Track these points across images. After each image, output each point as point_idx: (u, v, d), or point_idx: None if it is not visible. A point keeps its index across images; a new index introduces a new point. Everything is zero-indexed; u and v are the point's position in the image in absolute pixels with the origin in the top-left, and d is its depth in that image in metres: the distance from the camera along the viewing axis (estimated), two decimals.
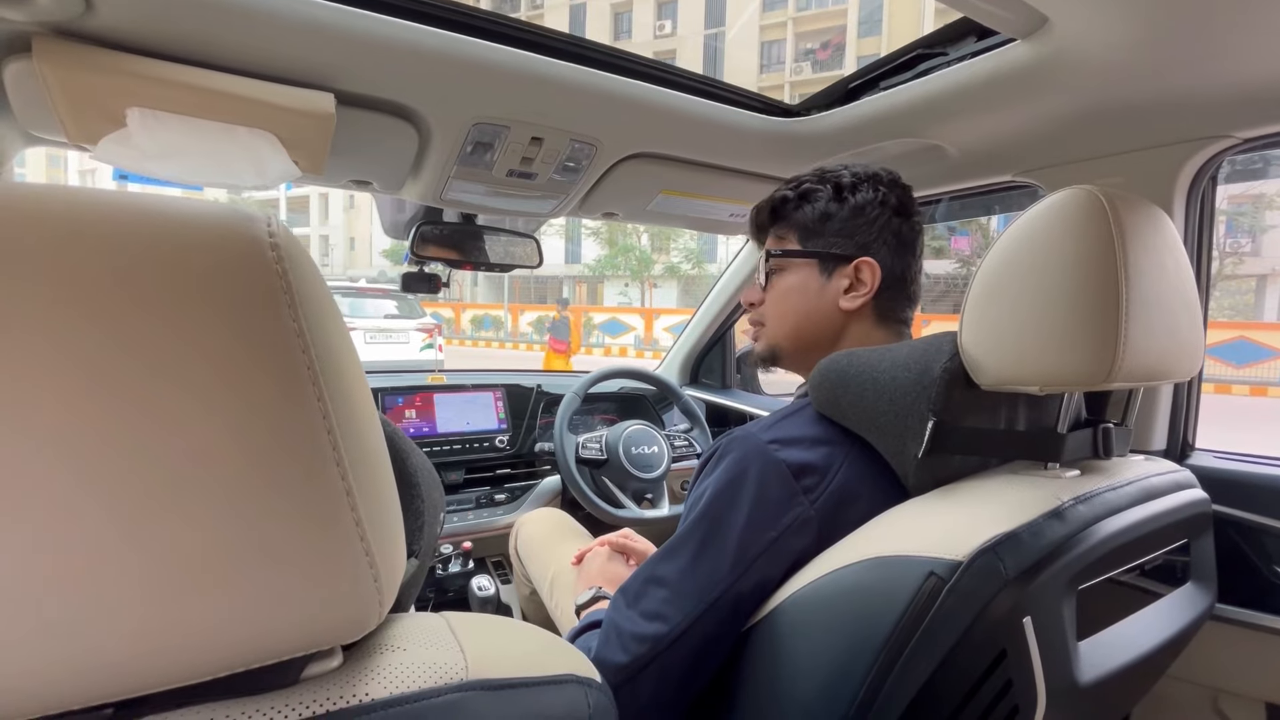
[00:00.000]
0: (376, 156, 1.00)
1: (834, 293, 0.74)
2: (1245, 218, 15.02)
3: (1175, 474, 0.67)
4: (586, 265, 21.79)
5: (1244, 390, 9.80)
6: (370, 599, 0.28)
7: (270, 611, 0.26)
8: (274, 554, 0.25)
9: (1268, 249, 15.95)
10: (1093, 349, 0.53)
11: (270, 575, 0.26)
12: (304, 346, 0.26)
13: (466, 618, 0.37)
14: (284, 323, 0.25)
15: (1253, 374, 10.22)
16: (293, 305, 0.26)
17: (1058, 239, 0.55)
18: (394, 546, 0.30)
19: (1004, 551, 0.49)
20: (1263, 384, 9.93)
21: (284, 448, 0.25)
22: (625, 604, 0.65)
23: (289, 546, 0.26)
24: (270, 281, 0.25)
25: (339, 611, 0.27)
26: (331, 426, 0.26)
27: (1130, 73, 0.72)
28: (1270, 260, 16.01)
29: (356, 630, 0.28)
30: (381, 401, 1.49)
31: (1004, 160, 1.01)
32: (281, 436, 0.25)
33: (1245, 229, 15.28)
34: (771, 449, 0.63)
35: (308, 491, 0.26)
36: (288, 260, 0.26)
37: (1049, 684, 0.50)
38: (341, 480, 0.26)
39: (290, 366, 0.25)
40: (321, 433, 0.26)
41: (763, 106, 1.06)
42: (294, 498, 0.26)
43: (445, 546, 1.39)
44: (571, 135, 0.99)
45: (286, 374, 0.25)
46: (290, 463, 0.25)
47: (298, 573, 0.26)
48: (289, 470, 0.25)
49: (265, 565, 0.25)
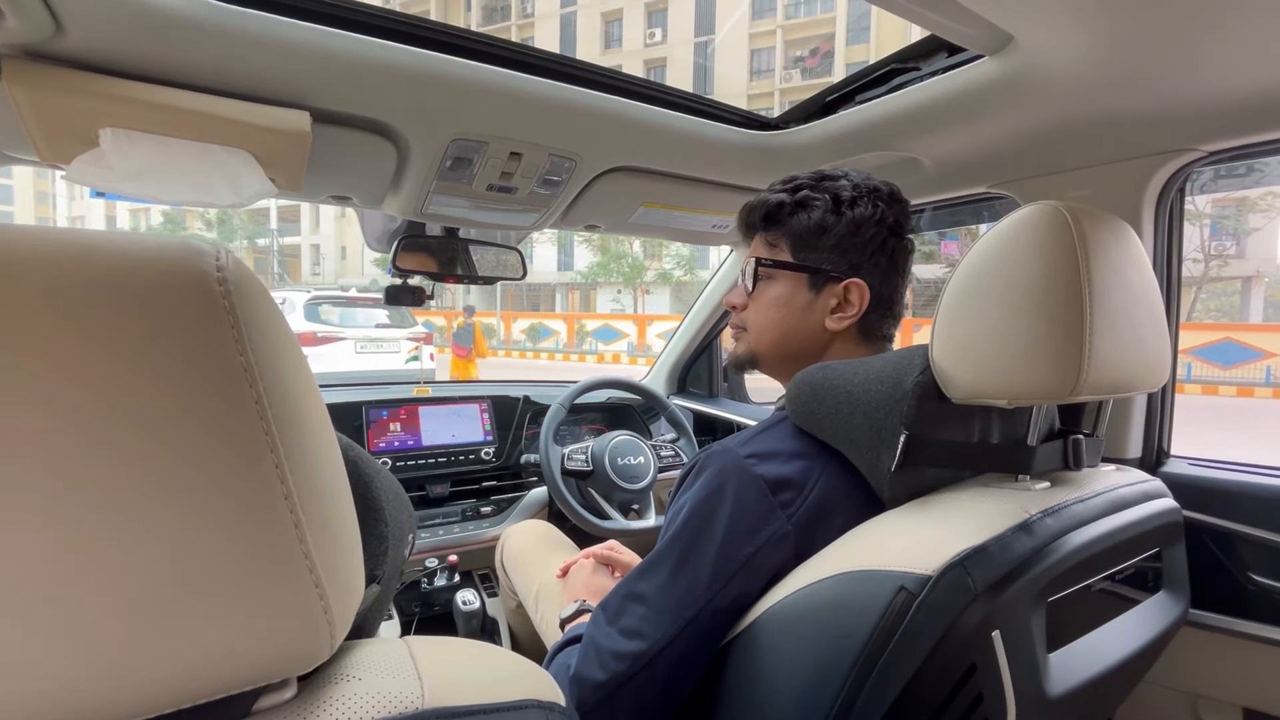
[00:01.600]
0: (355, 173, 1.00)
1: (821, 311, 0.73)
2: (1229, 220, 15.22)
3: (1145, 484, 0.67)
4: (579, 272, 21.80)
5: (1231, 391, 9.90)
6: (320, 631, 0.28)
7: (216, 646, 0.26)
8: (218, 588, 0.25)
9: (1252, 251, 16.16)
10: (1058, 362, 0.53)
11: (215, 610, 0.26)
12: (251, 381, 0.26)
13: (431, 643, 0.36)
14: (230, 357, 0.25)
15: (1239, 375, 10.34)
16: (240, 339, 0.26)
17: (1023, 254, 0.55)
18: (348, 577, 0.30)
19: (972, 566, 0.49)
20: (1249, 384, 10.03)
21: (229, 482, 0.25)
22: (605, 621, 0.65)
23: (234, 580, 0.26)
24: (216, 316, 0.25)
25: (288, 644, 0.27)
26: (280, 460, 0.26)
27: (1095, 88, 0.74)
28: (1254, 262, 16.22)
29: (307, 662, 0.28)
30: (366, 415, 1.48)
31: (978, 173, 1.03)
32: (226, 470, 0.25)
33: (1230, 232, 15.48)
34: (749, 464, 0.63)
35: (254, 525, 0.26)
36: (237, 294, 0.26)
37: (1018, 696, 0.50)
38: (290, 514, 0.26)
39: (237, 401, 0.25)
40: (269, 467, 0.26)
41: (742, 120, 1.06)
42: (239, 531, 0.26)
43: (430, 560, 1.38)
44: (550, 150, 0.99)
45: (232, 408, 0.25)
46: (235, 497, 0.25)
47: (244, 606, 0.26)
48: (234, 504, 0.25)
49: (210, 600, 0.25)
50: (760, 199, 0.76)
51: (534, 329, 17.99)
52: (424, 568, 1.38)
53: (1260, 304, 16.75)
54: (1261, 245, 16.51)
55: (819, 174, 0.75)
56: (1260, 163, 0.96)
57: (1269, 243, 16.83)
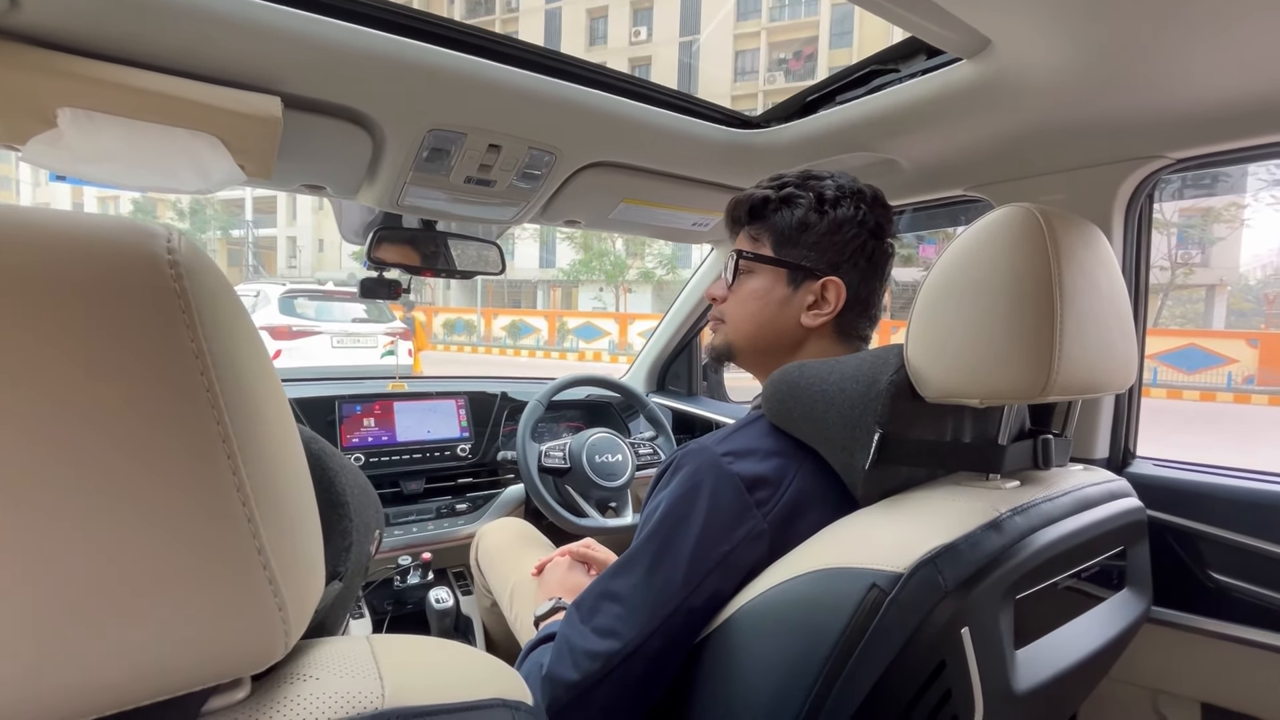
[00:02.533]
0: (329, 161, 0.98)
1: (798, 307, 0.74)
2: (1195, 230, 15.69)
3: (1111, 483, 0.69)
4: (561, 270, 21.71)
5: (1194, 395, 10.21)
6: (274, 629, 0.27)
7: (164, 644, 0.25)
8: (161, 585, 0.24)
9: (1216, 260, 16.69)
10: (1029, 363, 0.54)
11: (163, 606, 0.24)
12: (203, 368, 0.25)
13: (395, 642, 0.36)
14: (181, 343, 0.24)
15: (1202, 380, 10.67)
16: (192, 325, 0.25)
17: (996, 256, 0.56)
18: (306, 573, 0.29)
19: (943, 563, 0.50)
20: (1212, 389, 10.36)
21: (175, 473, 0.24)
22: (579, 619, 0.65)
23: (179, 577, 0.25)
24: (166, 300, 0.24)
25: (239, 643, 0.26)
26: (233, 451, 0.25)
27: (1069, 94, 0.75)
28: (1218, 271, 16.76)
29: (260, 661, 0.27)
30: (339, 410, 1.45)
31: (954, 175, 1.04)
32: (172, 462, 0.24)
33: (1195, 241, 15.96)
34: (725, 462, 0.63)
35: (202, 519, 0.25)
36: (189, 277, 0.25)
37: (986, 693, 0.51)
38: (243, 506, 0.25)
39: (186, 389, 0.24)
40: (221, 458, 0.25)
41: (722, 118, 1.06)
42: (186, 525, 0.25)
43: (404, 558, 1.36)
44: (530, 143, 0.98)
45: (181, 397, 0.24)
46: (182, 489, 0.24)
47: (190, 604, 0.25)
48: (180, 497, 0.24)
49: (157, 596, 0.24)
50: (747, 194, 0.78)
51: (515, 326, 17.86)
52: (397, 565, 1.36)
53: (1223, 311, 17.32)
54: (1225, 255, 17.07)
55: (805, 173, 0.76)
56: (1224, 174, 0.99)
57: (1232, 252, 17.41)
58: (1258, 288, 21.69)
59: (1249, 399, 10.02)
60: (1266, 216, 15.51)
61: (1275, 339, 11.02)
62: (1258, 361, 10.64)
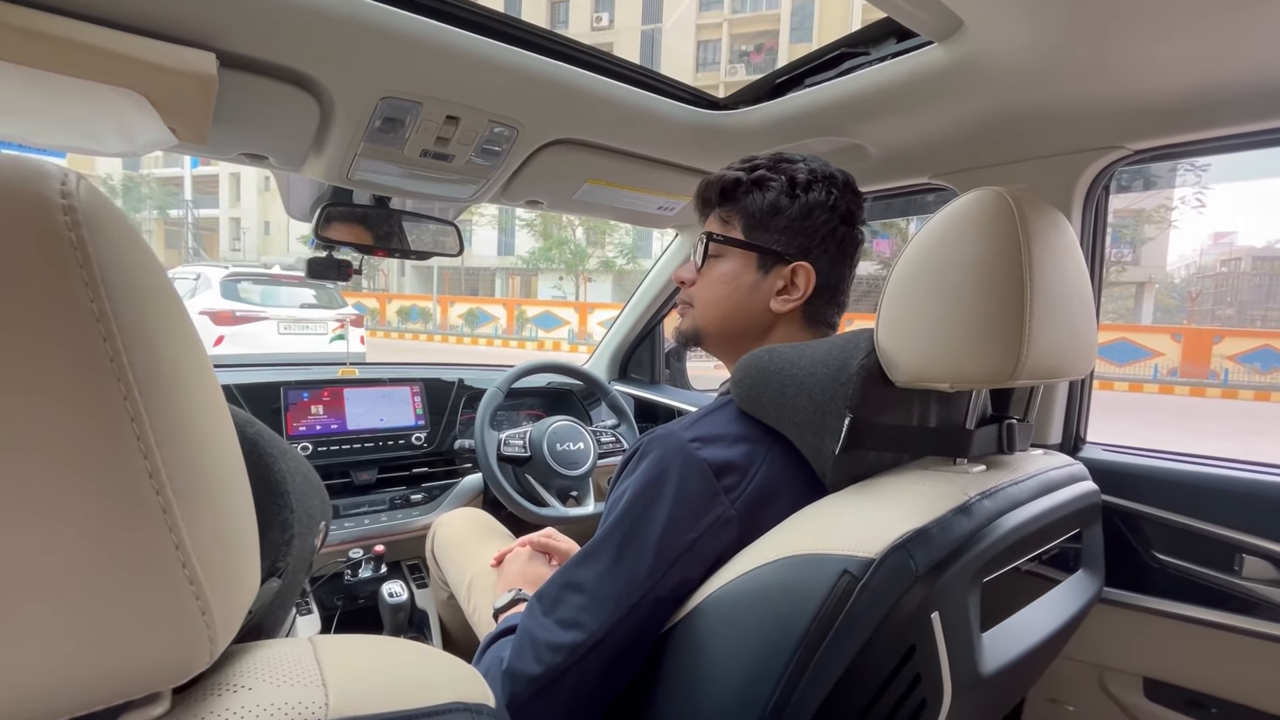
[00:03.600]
0: (272, 129, 0.91)
1: (767, 292, 0.73)
2: (1128, 230, 16.57)
3: (1070, 467, 0.70)
4: (520, 258, 21.37)
5: (1124, 386, 10.84)
6: (196, 635, 0.23)
7: (60, 657, 0.21)
8: (61, 587, 0.21)
9: (1146, 259, 17.70)
10: (999, 348, 0.54)
11: (57, 612, 0.21)
12: (106, 334, 0.21)
13: (341, 643, 0.32)
14: (77, 303, 0.21)
15: (1131, 372, 11.33)
16: (92, 283, 0.21)
17: (967, 239, 0.55)
18: (237, 570, 0.26)
19: (914, 548, 0.49)
20: (1140, 380, 11.01)
21: (74, 458, 0.20)
22: (541, 611, 0.62)
23: (82, 577, 0.21)
24: (59, 252, 0.20)
25: (155, 652, 0.23)
26: (143, 431, 0.21)
27: (1036, 79, 0.75)
28: (1148, 269, 17.78)
29: (181, 672, 0.24)
30: (284, 396, 1.38)
31: (920, 162, 1.04)
32: (70, 445, 0.20)
33: (1128, 240, 16.86)
34: (693, 447, 0.61)
35: (107, 511, 0.21)
36: (88, 226, 0.21)
37: (954, 676, 0.51)
38: (156, 495, 0.22)
39: (85, 358, 0.21)
40: (128, 440, 0.21)
41: (690, 98, 1.04)
42: (88, 518, 0.21)
43: (355, 550, 1.31)
44: (490, 116, 0.93)
45: (77, 366, 0.20)
46: (83, 477, 0.21)
47: (94, 608, 0.21)
48: (81, 485, 0.21)
49: (49, 600, 0.21)
50: (718, 175, 0.76)
51: (472, 314, 17.52)
52: (347, 559, 1.30)
53: (1151, 307, 18.40)
54: (1154, 254, 18.12)
55: (778, 155, 0.75)
56: (1155, 176, 1.02)
57: (1160, 252, 18.50)
58: (1181, 286, 23.15)
59: (1172, 390, 10.70)
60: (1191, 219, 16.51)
61: (1196, 334, 11.78)
62: (1181, 355, 11.37)
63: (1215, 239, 23.94)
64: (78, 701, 0.22)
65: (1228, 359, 11.05)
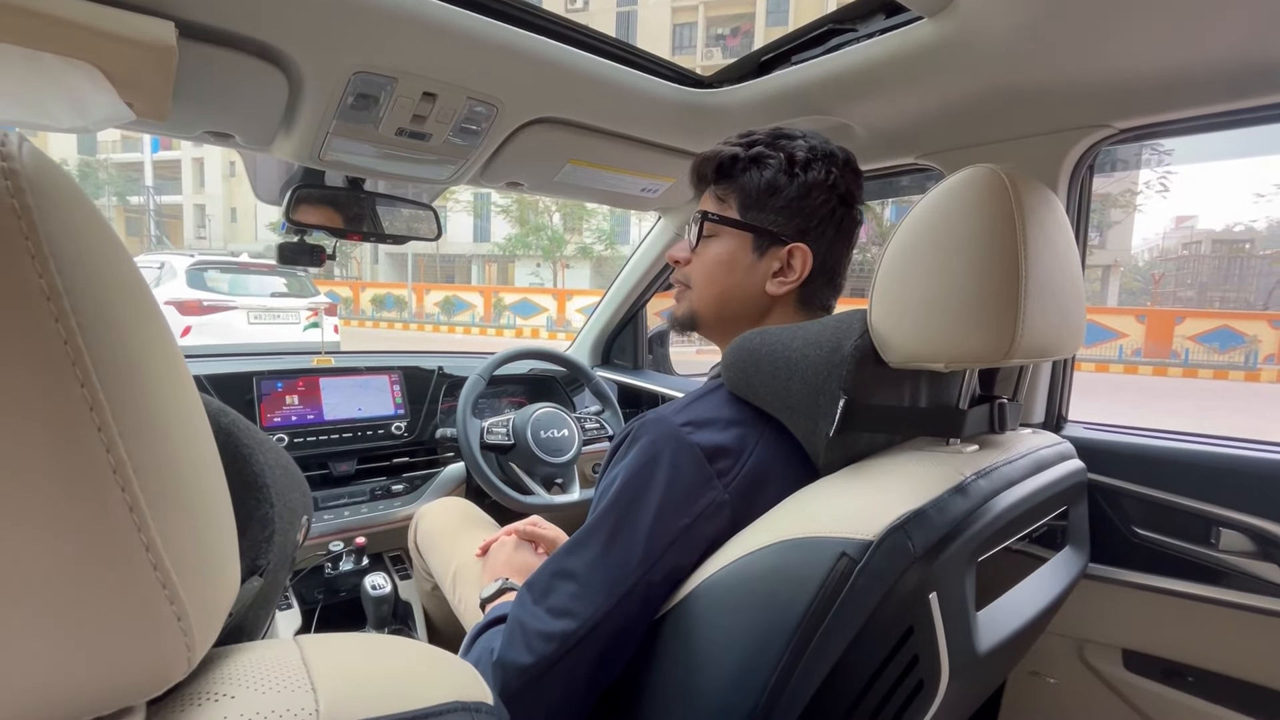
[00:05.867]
0: (238, 105, 0.86)
1: (763, 274, 0.71)
2: (1095, 214, 16.91)
3: (1059, 446, 0.71)
4: (496, 244, 21.08)
5: (1090, 367, 11.15)
6: (172, 643, 0.21)
7: (22, 670, 0.19)
8: (20, 595, 0.19)
9: (1112, 242, 18.15)
10: (994, 327, 0.53)
11: (17, 623, 0.19)
12: (59, 313, 0.19)
13: (329, 643, 0.30)
14: (24, 279, 0.18)
15: (1096, 353, 11.66)
16: (40, 255, 0.18)
17: (962, 217, 0.55)
18: (215, 571, 0.24)
19: (912, 529, 0.49)
20: (1105, 361, 11.34)
21: (27, 452, 0.18)
22: (531, 600, 0.61)
23: (41, 584, 0.19)
24: (2, 223, 0.18)
25: (128, 663, 0.21)
26: (105, 422, 0.19)
27: (1025, 56, 0.75)
28: (1113, 252, 18.24)
29: (157, 683, 0.22)
30: (258, 387, 1.33)
31: (907, 142, 1.04)
32: (21, 437, 0.18)
33: (1094, 225, 17.23)
34: (685, 432, 0.60)
35: (67, 510, 0.19)
36: (34, 192, 0.19)
37: (952, 656, 0.51)
38: (122, 492, 0.20)
39: (34, 341, 0.18)
40: (89, 431, 0.19)
41: (675, 76, 1.01)
42: (45, 519, 0.19)
43: (335, 543, 1.28)
44: (469, 93, 0.90)
45: (27, 352, 0.18)
46: (38, 473, 0.18)
47: (58, 617, 0.19)
48: (35, 483, 0.18)
49: (8, 611, 0.19)
50: (714, 150, 0.73)
51: (449, 302, 17.28)
52: (327, 552, 1.27)
53: (1116, 290, 18.90)
54: (1119, 238, 18.59)
55: (776, 131, 0.73)
56: (1121, 160, 1.03)
57: (1125, 235, 18.98)
58: (1145, 269, 23.81)
59: (1136, 370, 11.04)
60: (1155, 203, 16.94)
61: (1159, 315, 12.15)
62: (1144, 336, 11.72)
63: (1177, 222, 24.64)
64: (54, 713, 0.20)
65: (1188, 339, 11.43)
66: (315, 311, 6.52)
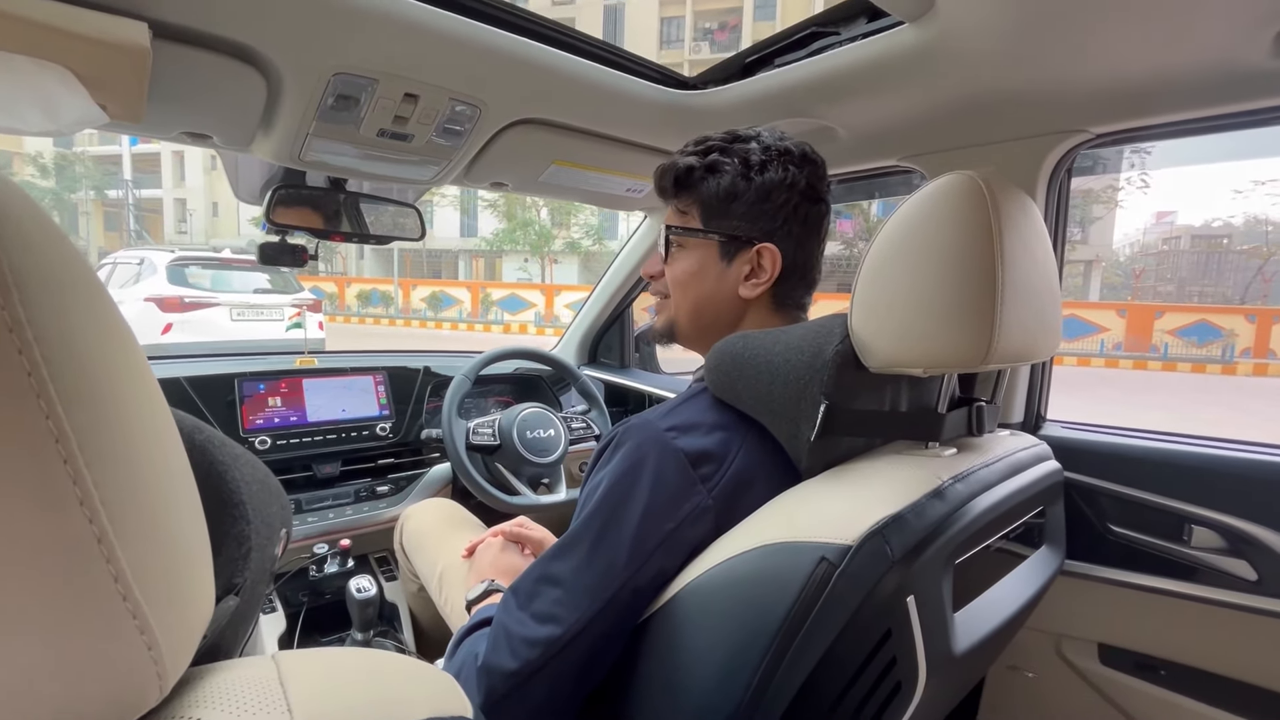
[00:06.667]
0: (215, 106, 0.85)
1: (734, 279, 0.71)
2: (1077, 210, 17.18)
3: (1036, 448, 0.72)
4: (483, 239, 20.94)
5: (1072, 361, 11.32)
6: (143, 672, 0.21)
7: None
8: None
9: (1094, 238, 18.40)
10: (971, 332, 0.54)
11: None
12: (22, 344, 0.18)
13: (307, 659, 0.30)
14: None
15: (1079, 347, 11.83)
16: (2, 288, 0.18)
17: (939, 223, 0.55)
18: (188, 596, 0.24)
19: (890, 533, 0.49)
20: (1087, 355, 11.51)
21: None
22: (516, 605, 0.61)
23: (12, 618, 0.19)
24: None
25: (98, 693, 0.21)
26: (71, 453, 0.19)
27: (1005, 62, 0.75)
28: (1095, 248, 18.49)
29: (127, 712, 0.22)
30: (239, 389, 1.32)
31: (889, 145, 1.04)
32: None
33: (1077, 220, 17.49)
34: (669, 437, 0.61)
35: (33, 545, 0.19)
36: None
37: (929, 658, 0.52)
38: (90, 524, 0.20)
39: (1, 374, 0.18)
40: (53, 461, 0.19)
41: (659, 77, 1.01)
42: (13, 553, 0.19)
43: (319, 546, 1.27)
44: (451, 94, 0.89)
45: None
46: (6, 508, 0.18)
47: (25, 651, 0.19)
48: (3, 517, 0.18)
49: None
50: (671, 162, 0.73)
51: (435, 297, 17.14)
52: (312, 554, 1.26)
53: (1098, 285, 19.17)
54: (1101, 233, 18.84)
55: (731, 134, 0.72)
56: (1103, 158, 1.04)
57: (1106, 231, 19.25)
58: (1126, 264, 24.16)
59: (1117, 364, 11.21)
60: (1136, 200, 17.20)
61: (1139, 309, 12.34)
62: (1125, 330, 11.91)
63: (1157, 218, 25.02)
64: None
65: (1168, 333, 11.63)
66: (299, 311, 6.41)
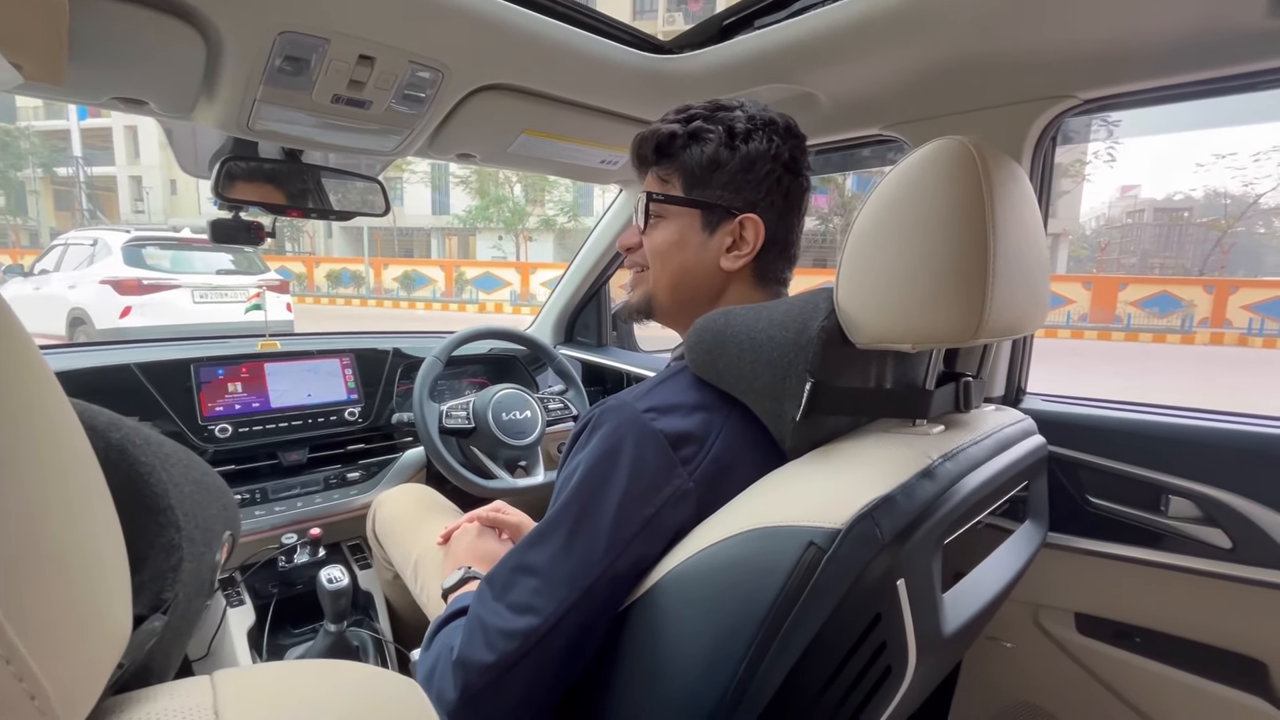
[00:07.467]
0: (149, 68, 0.78)
1: (715, 250, 0.69)
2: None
3: (1022, 423, 0.71)
4: (456, 216, 20.50)
5: (1040, 332, 11.59)
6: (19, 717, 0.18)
7: None
8: None
9: (1061, 212, 18.73)
10: (962, 306, 0.52)
11: None
12: None
13: (246, 677, 0.27)
14: None
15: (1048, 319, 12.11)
16: None
17: (930, 192, 0.53)
18: (91, 628, 0.20)
19: (880, 515, 0.48)
20: (1053, 327, 11.80)
21: None
22: (492, 596, 0.59)
23: None
24: None
25: None
26: None
27: (991, 22, 0.73)
28: (1063, 221, 18.83)
29: None
30: (196, 375, 1.25)
31: (872, 112, 1.01)
32: None
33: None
34: (647, 418, 0.58)
35: None
36: None
37: (919, 640, 0.50)
38: None
39: None
40: None
41: (633, 40, 0.96)
42: None
43: (288, 536, 1.23)
44: (410, 57, 0.83)
45: None
46: None
47: None
48: None
49: None
50: (652, 129, 0.70)
51: (408, 276, 16.79)
52: (280, 545, 1.22)
53: (1065, 257, 19.56)
54: (1069, 207, 19.18)
55: (714, 104, 0.70)
56: (1072, 130, 1.02)
57: (1074, 205, 19.61)
58: (1092, 237, 24.69)
59: (1082, 335, 11.51)
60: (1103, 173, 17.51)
61: (1104, 281, 12.65)
62: (1091, 302, 12.21)
63: (1122, 191, 25.53)
64: None
65: (1130, 304, 11.95)
66: (258, 292, 6.15)
